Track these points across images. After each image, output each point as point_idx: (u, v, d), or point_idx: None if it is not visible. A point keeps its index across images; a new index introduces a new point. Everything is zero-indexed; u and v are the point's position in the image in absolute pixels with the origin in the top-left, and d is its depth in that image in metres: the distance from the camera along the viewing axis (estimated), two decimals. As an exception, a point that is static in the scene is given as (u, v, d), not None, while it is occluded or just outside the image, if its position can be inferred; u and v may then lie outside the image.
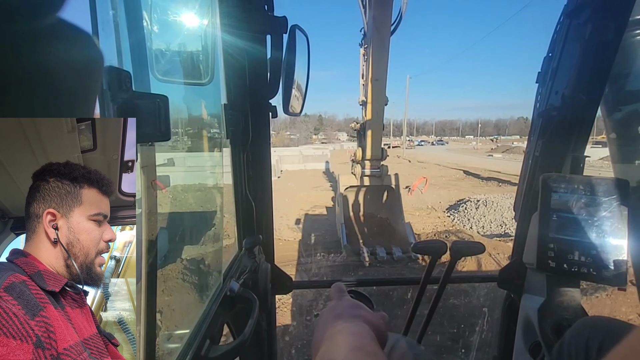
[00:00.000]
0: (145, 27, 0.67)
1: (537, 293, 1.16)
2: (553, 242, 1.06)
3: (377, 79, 5.96)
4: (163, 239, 1.14)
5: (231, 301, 0.89)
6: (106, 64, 0.40)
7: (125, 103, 0.42)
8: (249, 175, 1.12)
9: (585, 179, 1.08)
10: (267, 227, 1.21)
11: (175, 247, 1.43)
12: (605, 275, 1.00)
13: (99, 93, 0.39)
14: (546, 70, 1.24)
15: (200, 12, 0.93)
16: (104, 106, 0.41)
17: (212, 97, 1.02)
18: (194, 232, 1.44)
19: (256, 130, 1.06)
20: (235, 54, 0.95)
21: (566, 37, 1.15)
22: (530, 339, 1.16)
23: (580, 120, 1.18)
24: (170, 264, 1.59)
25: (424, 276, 1.32)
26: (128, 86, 0.43)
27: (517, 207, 1.34)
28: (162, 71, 0.79)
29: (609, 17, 1.05)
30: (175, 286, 1.52)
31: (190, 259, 1.62)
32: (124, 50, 0.53)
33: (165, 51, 0.85)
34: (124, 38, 0.53)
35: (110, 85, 0.41)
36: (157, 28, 0.76)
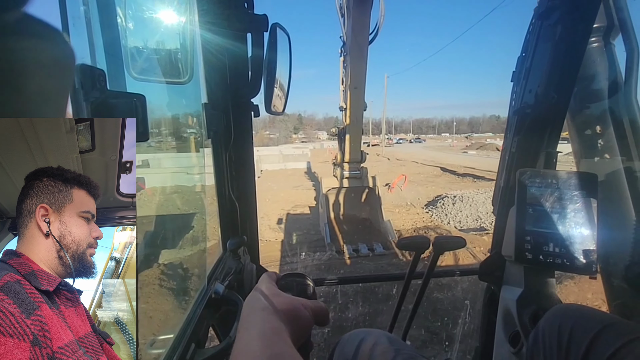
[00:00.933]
0: (119, 24, 0.65)
1: (515, 284, 1.21)
2: (529, 234, 1.10)
3: (356, 87, 6.11)
4: (145, 242, 1.11)
5: (216, 303, 0.88)
6: (78, 62, 0.39)
7: (100, 102, 0.41)
8: (231, 176, 1.10)
9: (557, 174, 1.14)
10: (251, 228, 1.20)
11: (157, 250, 1.39)
12: (577, 265, 1.05)
13: (71, 92, 0.38)
14: (520, 70, 1.28)
15: (178, 8, 0.90)
16: (76, 106, 0.39)
17: (192, 96, 1.00)
18: (176, 235, 1.40)
19: (238, 130, 1.05)
20: (215, 52, 0.94)
21: (538, 37, 1.20)
22: (510, 329, 1.21)
23: (553, 118, 1.23)
24: (153, 267, 1.55)
25: (408, 271, 1.34)
26: (102, 85, 0.41)
27: (495, 202, 1.39)
28: (139, 69, 0.77)
29: (577, 19, 1.10)
30: (158, 290, 1.48)
31: (173, 262, 1.58)
32: (97, 47, 0.51)
33: (141, 49, 0.82)
34: (96, 35, 0.51)
35: (83, 84, 0.39)
36: (132, 25, 0.74)
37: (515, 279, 1.21)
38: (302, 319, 0.45)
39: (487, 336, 1.43)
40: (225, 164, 1.07)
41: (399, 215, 9.60)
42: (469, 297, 3.82)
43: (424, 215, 9.92)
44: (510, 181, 1.26)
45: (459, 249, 1.26)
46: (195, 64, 0.93)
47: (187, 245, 1.38)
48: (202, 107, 0.96)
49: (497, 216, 1.36)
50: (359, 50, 5.64)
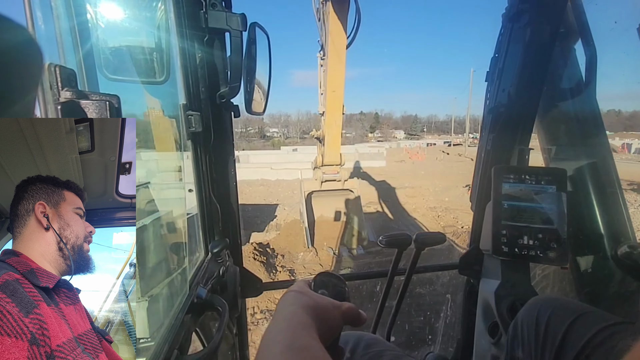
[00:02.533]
0: (90, 21, 0.62)
1: (493, 277, 1.25)
2: (505, 228, 1.15)
3: (334, 91, 6.08)
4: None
5: (199, 308, 0.86)
6: (46, 61, 0.37)
7: (70, 103, 0.39)
8: (212, 177, 1.08)
9: (530, 169, 1.19)
10: (233, 230, 1.18)
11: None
12: (550, 256, 1.11)
13: (39, 93, 0.36)
14: (493, 70, 1.33)
15: (153, 7, 0.88)
16: (45, 107, 0.37)
17: (169, 97, 0.98)
18: (156, 238, 1.36)
19: (218, 131, 1.03)
20: (193, 51, 0.92)
21: (509, 39, 1.25)
22: (489, 320, 1.25)
23: (525, 116, 1.28)
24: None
25: (391, 268, 1.36)
26: (72, 85, 0.40)
27: (473, 198, 1.44)
28: (112, 69, 0.74)
29: (544, 22, 1.16)
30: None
31: (153, 266, 1.54)
32: (67, 46, 0.49)
33: (115, 48, 0.79)
34: (65, 34, 0.49)
35: (51, 84, 0.37)
36: (105, 22, 0.71)
37: (493, 272, 1.26)
38: (330, 318, 0.45)
39: (467, 328, 1.48)
40: (206, 165, 1.05)
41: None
42: (450, 291, 3.92)
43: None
44: (486, 178, 1.31)
45: (439, 244, 1.30)
46: (172, 63, 0.91)
47: (167, 249, 1.35)
48: (180, 107, 0.94)
49: (475, 212, 1.41)
50: (337, 54, 5.65)
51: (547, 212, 1.13)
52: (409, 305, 3.94)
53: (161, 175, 1.31)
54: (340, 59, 5.75)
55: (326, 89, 6.20)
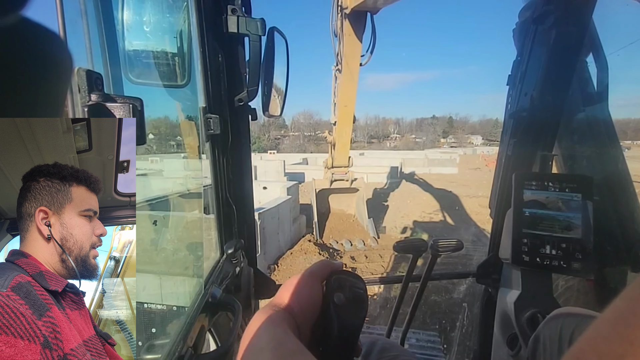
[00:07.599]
0: (116, 27, 0.65)
1: (513, 287, 1.21)
2: (526, 237, 1.11)
3: (346, 105, 6.67)
4: (140, 245, 1.10)
5: (213, 308, 0.87)
6: (75, 66, 0.39)
7: (97, 106, 0.41)
8: (229, 179, 1.10)
9: (553, 176, 1.14)
10: (249, 231, 1.20)
11: (152, 253, 1.38)
12: (575, 267, 1.06)
13: (68, 96, 0.38)
14: (515, 74, 1.30)
15: (176, 12, 0.91)
16: (74, 109, 0.39)
17: (189, 100, 1.00)
18: (173, 238, 1.40)
19: (236, 133, 1.05)
20: (213, 55, 0.94)
21: (533, 41, 1.21)
22: (508, 331, 1.21)
23: (548, 121, 1.24)
24: (149, 270, 1.54)
25: (405, 275, 1.34)
26: (99, 88, 0.41)
27: (492, 205, 1.40)
28: (136, 73, 0.77)
29: (571, 24, 1.11)
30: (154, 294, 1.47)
31: (170, 265, 1.57)
32: (95, 51, 0.51)
33: (139, 52, 0.82)
34: (94, 39, 0.51)
35: (80, 88, 0.39)
36: (129, 29, 0.74)
37: (512, 282, 1.22)
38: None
39: (484, 338, 1.43)
40: (223, 167, 1.07)
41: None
42: (467, 299, 3.82)
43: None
44: (506, 184, 1.27)
45: (457, 251, 1.26)
46: (193, 67, 0.93)
47: (184, 248, 1.38)
48: (200, 110, 0.96)
49: (494, 219, 1.37)
50: (350, 73, 6.02)
51: (572, 221, 1.08)
52: (423, 312, 3.86)
53: (180, 176, 1.34)
54: (353, 78, 6.14)
55: (338, 103, 6.77)
